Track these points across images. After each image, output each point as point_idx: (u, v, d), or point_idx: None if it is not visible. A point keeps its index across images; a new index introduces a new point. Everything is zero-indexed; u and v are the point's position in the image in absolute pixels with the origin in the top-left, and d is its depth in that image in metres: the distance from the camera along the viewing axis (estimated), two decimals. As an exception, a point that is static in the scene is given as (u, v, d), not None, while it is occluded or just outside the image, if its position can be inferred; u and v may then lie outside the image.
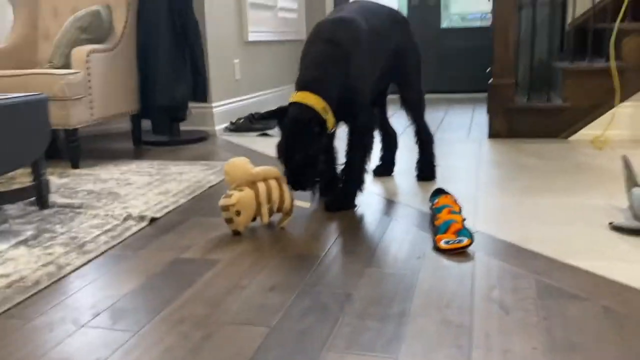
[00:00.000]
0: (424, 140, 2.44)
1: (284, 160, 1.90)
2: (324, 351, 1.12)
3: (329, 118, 1.90)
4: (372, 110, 2.14)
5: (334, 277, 1.47)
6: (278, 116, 1.92)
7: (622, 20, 3.08)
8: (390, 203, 2.12)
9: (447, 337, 1.16)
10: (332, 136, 2.12)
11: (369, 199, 2.17)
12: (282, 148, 1.89)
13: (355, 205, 2.07)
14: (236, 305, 1.33)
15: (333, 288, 1.41)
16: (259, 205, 1.81)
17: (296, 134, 1.86)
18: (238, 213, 1.77)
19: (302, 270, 1.52)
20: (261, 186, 1.82)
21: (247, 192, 1.80)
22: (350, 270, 1.52)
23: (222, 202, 1.78)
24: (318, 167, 1.94)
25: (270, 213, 1.85)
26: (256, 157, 2.93)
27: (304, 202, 1.95)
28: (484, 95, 5.30)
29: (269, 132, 3.71)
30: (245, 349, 1.14)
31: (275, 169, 1.88)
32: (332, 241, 1.74)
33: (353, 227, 1.86)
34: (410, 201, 2.13)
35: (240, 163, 1.85)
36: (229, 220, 1.79)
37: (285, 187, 1.87)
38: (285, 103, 1.95)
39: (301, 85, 1.92)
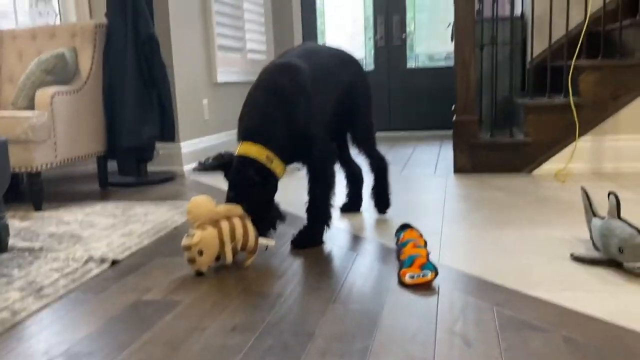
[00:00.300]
0: (378, 168, 2.44)
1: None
2: (284, 391, 1.10)
3: (276, 165, 1.92)
4: (328, 144, 2.14)
5: (297, 315, 1.46)
6: (224, 168, 1.94)
7: (578, 58, 3.20)
8: (356, 238, 2.12)
9: (409, 373, 1.15)
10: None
11: (334, 234, 2.17)
12: (230, 201, 1.91)
13: (322, 242, 2.06)
14: (196, 347, 1.30)
15: (295, 326, 1.39)
16: (222, 244, 1.79)
17: (241, 187, 1.90)
18: (200, 253, 1.74)
19: (264, 309, 1.50)
20: (224, 224, 1.80)
21: (210, 231, 1.77)
22: (313, 307, 1.50)
23: (184, 241, 1.75)
24: (271, 213, 1.98)
25: (234, 252, 1.82)
26: (224, 196, 2.92)
27: (268, 239, 1.93)
28: (451, 132, 5.42)
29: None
30: (203, 392, 1.11)
31: (239, 207, 1.87)
32: (296, 278, 1.72)
33: (318, 263, 1.85)
34: (375, 236, 2.13)
35: (203, 201, 1.83)
36: (191, 260, 1.75)
37: (250, 225, 1.85)
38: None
39: (243, 136, 1.94)
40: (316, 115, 2.06)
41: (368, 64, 5.70)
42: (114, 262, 1.93)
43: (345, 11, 5.80)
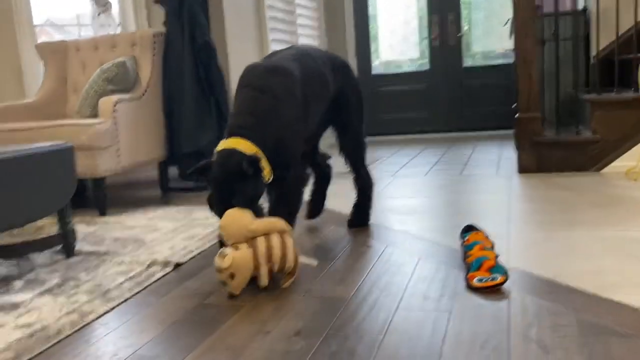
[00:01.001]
0: (362, 187, 2.30)
1: (218, 213, 1.70)
2: (352, 397, 1.06)
3: (265, 164, 1.73)
4: (303, 166, 2.03)
5: (362, 320, 1.42)
6: (204, 171, 1.73)
7: (649, 49, 3.03)
8: (418, 241, 2.06)
9: (483, 380, 1.09)
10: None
11: (395, 237, 2.12)
12: (212, 201, 1.71)
13: None
14: (260, 352, 1.28)
15: (360, 331, 1.35)
16: (257, 265, 1.62)
17: (226, 182, 1.68)
18: (232, 276, 1.58)
19: (328, 314, 1.47)
20: (261, 244, 1.62)
21: (244, 252, 1.60)
22: (379, 311, 1.46)
23: (216, 263, 1.60)
24: (261, 214, 1.76)
25: (270, 274, 1.65)
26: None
27: (310, 259, 1.80)
28: (511, 132, 5.25)
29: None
30: (269, 397, 1.08)
31: (281, 222, 1.68)
32: (358, 283, 1.68)
33: (380, 268, 1.80)
34: (438, 239, 2.07)
35: (238, 216, 1.64)
36: (223, 284, 1.62)
37: (290, 244, 1.66)
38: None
39: (231, 132, 1.76)
40: (301, 128, 1.93)
41: (423, 65, 5.61)
42: (177, 266, 1.95)
43: (398, 13, 5.73)
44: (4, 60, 3.57)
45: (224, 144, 1.73)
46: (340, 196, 2.70)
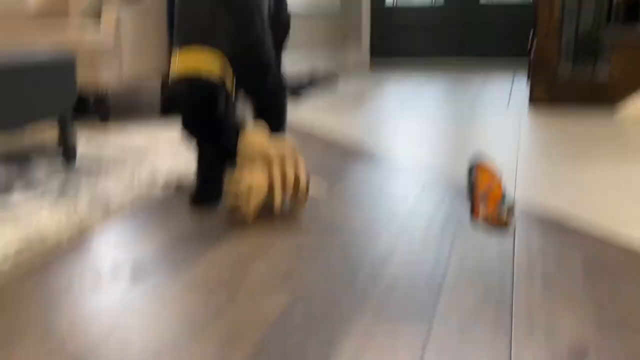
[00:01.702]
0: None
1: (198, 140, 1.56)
2: (353, 318, 1.06)
3: (228, 75, 1.50)
4: (281, 67, 1.75)
5: (364, 243, 1.40)
6: (171, 105, 1.50)
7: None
8: (423, 169, 2.03)
9: (485, 314, 1.08)
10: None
11: (399, 163, 2.08)
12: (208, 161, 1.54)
13: None
14: (261, 269, 1.27)
15: (362, 254, 1.34)
16: (271, 191, 1.55)
17: (201, 120, 1.51)
18: (247, 201, 1.53)
19: (333, 234, 1.45)
20: (276, 170, 1.54)
21: (260, 177, 1.52)
22: (380, 236, 1.44)
23: (231, 187, 1.52)
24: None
25: (283, 202, 1.59)
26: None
27: (318, 192, 1.72)
28: (525, 59, 5.12)
29: (298, 96, 3.62)
30: (270, 314, 1.08)
31: (292, 144, 1.60)
32: (362, 206, 1.66)
33: (382, 197, 1.78)
34: (444, 169, 2.03)
35: (257, 139, 1.55)
36: (235, 209, 1.55)
37: (302, 172, 1.58)
38: (311, 68, 1.80)
39: (184, 39, 1.48)
40: (264, 21, 1.61)
41: (438, 1, 5.40)
42: (179, 179, 1.92)
43: None
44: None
45: (181, 62, 1.46)
46: (342, 121, 2.65)
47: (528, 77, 4.04)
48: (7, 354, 0.97)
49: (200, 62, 1.45)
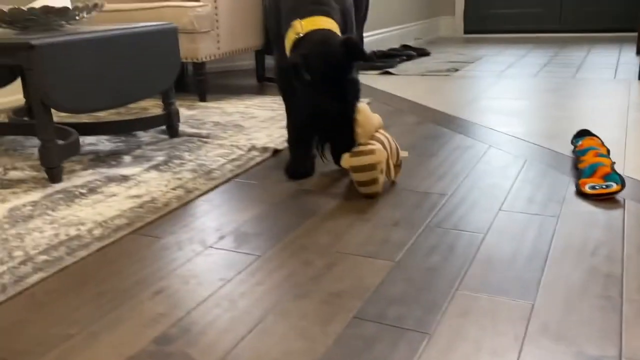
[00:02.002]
0: None
1: (337, 113, 1.48)
2: (453, 290, 1.05)
3: None
4: None
5: (462, 217, 1.38)
6: (298, 70, 1.41)
7: None
8: (523, 144, 1.96)
9: (593, 287, 1.04)
10: None
11: (499, 138, 2.02)
12: (328, 98, 1.46)
13: None
14: (359, 237, 1.29)
15: (461, 228, 1.32)
16: (387, 160, 1.54)
17: (340, 75, 1.45)
18: (382, 171, 1.49)
19: (427, 208, 1.44)
20: (383, 137, 1.55)
21: (380, 146, 1.50)
22: (480, 211, 1.41)
23: (368, 159, 1.45)
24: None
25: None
26: (379, 96, 2.84)
27: (402, 151, 1.69)
28: (632, 35, 4.77)
29: (391, 70, 3.58)
30: (368, 282, 1.09)
31: (378, 116, 1.59)
32: (459, 181, 1.63)
33: (482, 168, 1.73)
34: (547, 143, 1.95)
35: (369, 112, 1.53)
36: (373, 181, 1.48)
37: (391, 136, 1.61)
38: (405, 41, 1.77)
39: (309, 10, 1.48)
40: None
41: (540, -44, 5.11)
42: (275, 152, 1.97)
43: None
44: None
45: (309, 24, 1.45)
46: (436, 93, 2.59)
47: (638, 50, 3.77)
48: (121, 312, 1.05)
49: (328, 24, 1.48)
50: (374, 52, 3.88)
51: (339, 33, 1.51)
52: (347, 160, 1.48)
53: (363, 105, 1.55)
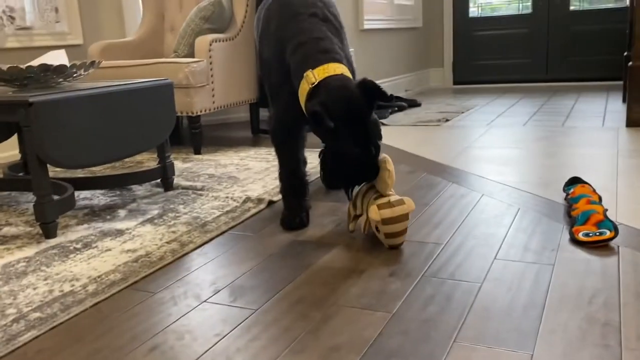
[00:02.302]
0: None
1: (368, 158, 1.48)
2: (451, 341, 1.04)
3: None
4: None
5: (458, 266, 1.38)
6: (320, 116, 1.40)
7: None
8: (516, 192, 1.97)
9: (591, 335, 1.04)
10: None
11: (492, 187, 2.04)
12: (352, 142, 1.45)
13: None
14: (355, 289, 1.28)
15: (457, 277, 1.32)
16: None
17: (366, 116, 1.46)
18: (403, 224, 1.48)
19: (423, 258, 1.44)
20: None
21: (408, 197, 1.55)
22: (476, 260, 1.41)
23: (400, 210, 1.44)
24: None
25: None
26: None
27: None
28: (618, 83, 4.89)
29: (383, 120, 3.64)
30: (366, 334, 1.08)
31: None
32: (453, 230, 1.64)
33: (476, 217, 1.74)
34: (539, 191, 1.97)
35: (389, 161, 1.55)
36: (403, 232, 1.48)
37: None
38: (396, 93, 1.79)
39: (319, 59, 1.51)
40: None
41: (525, 7, 5.28)
42: (270, 203, 1.98)
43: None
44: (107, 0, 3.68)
45: (322, 72, 1.48)
46: (428, 143, 2.62)
47: (624, 98, 3.86)
48: (121, 363, 1.03)
49: (343, 70, 1.50)
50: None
51: (351, 77, 1.52)
52: (377, 212, 1.43)
53: (387, 156, 1.53)
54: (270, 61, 1.71)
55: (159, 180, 2.26)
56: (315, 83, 1.48)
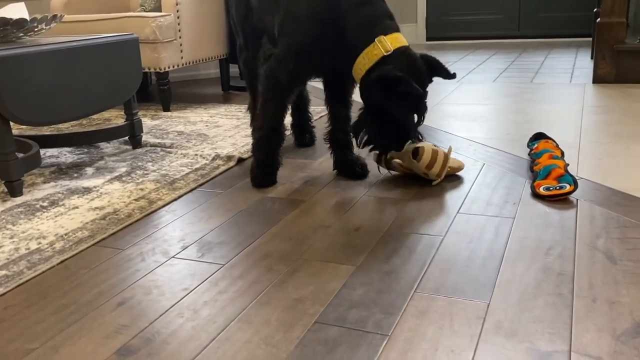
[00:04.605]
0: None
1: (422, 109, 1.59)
2: (412, 291, 1.08)
3: None
4: None
5: (422, 220, 1.41)
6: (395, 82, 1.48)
7: None
8: (482, 148, 2.01)
9: (546, 285, 1.08)
10: None
11: (459, 143, 2.07)
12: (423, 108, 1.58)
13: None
14: (321, 243, 1.31)
15: (421, 230, 1.35)
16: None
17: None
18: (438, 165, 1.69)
19: (387, 214, 1.47)
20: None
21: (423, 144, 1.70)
22: (439, 214, 1.45)
23: (439, 156, 1.66)
24: None
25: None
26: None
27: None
28: (587, 40, 4.92)
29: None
30: (329, 286, 1.11)
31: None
32: (417, 185, 1.66)
33: (443, 171, 1.77)
34: (504, 147, 2.01)
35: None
36: (438, 174, 1.68)
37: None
38: None
39: (389, 26, 1.55)
40: None
41: (498, -36, 5.23)
42: (240, 161, 1.98)
43: None
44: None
45: (395, 42, 1.52)
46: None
47: (592, 54, 3.89)
48: (84, 324, 1.04)
49: (405, 42, 1.56)
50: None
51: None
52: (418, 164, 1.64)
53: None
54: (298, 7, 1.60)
55: (127, 138, 2.24)
56: (391, 52, 1.50)
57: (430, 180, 1.68)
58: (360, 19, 1.54)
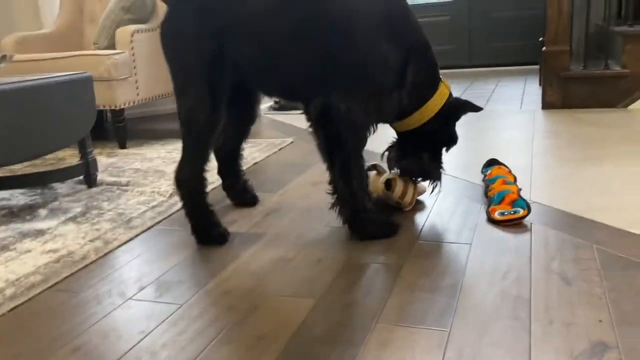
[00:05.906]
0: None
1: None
2: (373, 323, 1.08)
3: None
4: None
5: (381, 250, 1.42)
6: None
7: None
8: (439, 175, 2.04)
9: (504, 309, 1.10)
10: None
11: (417, 171, 2.10)
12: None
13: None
14: (282, 277, 1.30)
15: (382, 261, 1.36)
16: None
17: None
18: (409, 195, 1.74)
19: (349, 243, 1.47)
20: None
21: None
22: (398, 242, 1.46)
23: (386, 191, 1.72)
24: None
25: None
26: (301, 134, 2.90)
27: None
28: (536, 67, 5.11)
29: (314, 109, 3.66)
30: (290, 321, 1.10)
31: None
32: (379, 214, 1.68)
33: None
34: (459, 174, 2.05)
35: None
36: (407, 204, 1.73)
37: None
38: None
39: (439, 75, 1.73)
40: None
41: (447, -4, 5.41)
42: (198, 196, 1.96)
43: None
44: (19, -11, 3.51)
45: (447, 90, 1.71)
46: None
47: (540, 81, 4.04)
48: (41, 367, 1.00)
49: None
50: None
51: None
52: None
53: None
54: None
55: (81, 177, 2.20)
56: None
57: (400, 209, 1.70)
58: (426, 64, 1.69)
